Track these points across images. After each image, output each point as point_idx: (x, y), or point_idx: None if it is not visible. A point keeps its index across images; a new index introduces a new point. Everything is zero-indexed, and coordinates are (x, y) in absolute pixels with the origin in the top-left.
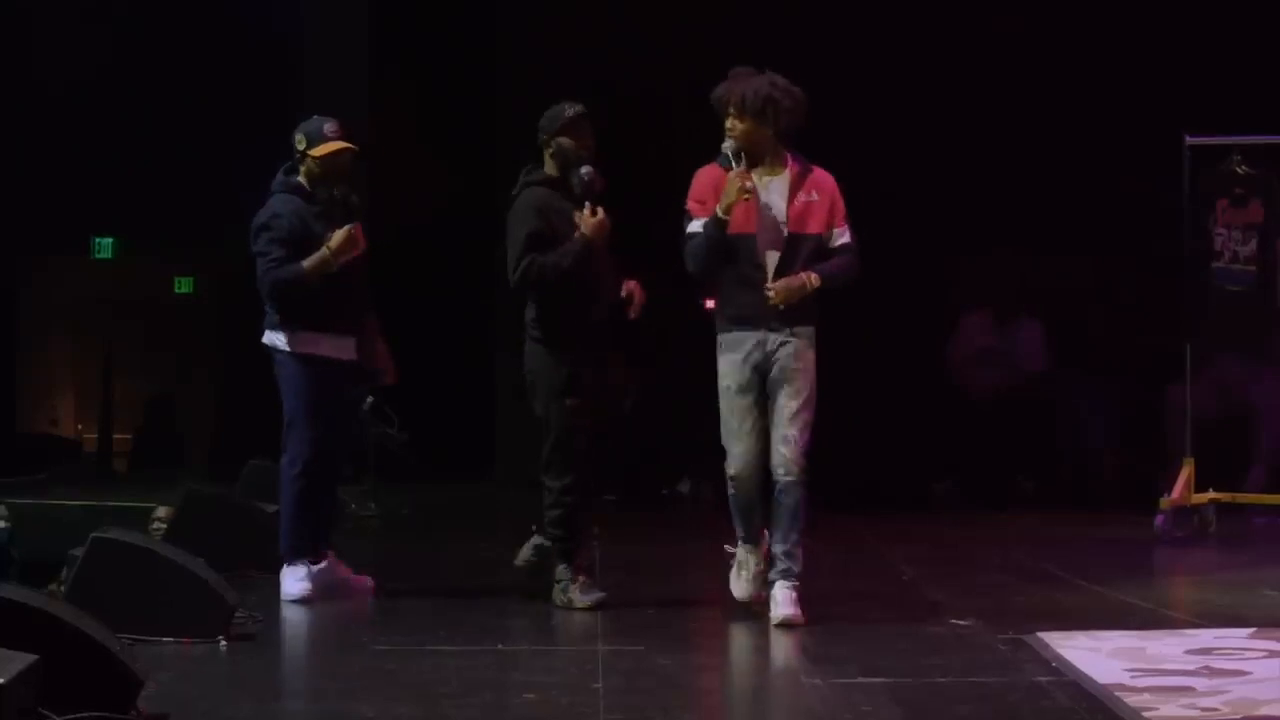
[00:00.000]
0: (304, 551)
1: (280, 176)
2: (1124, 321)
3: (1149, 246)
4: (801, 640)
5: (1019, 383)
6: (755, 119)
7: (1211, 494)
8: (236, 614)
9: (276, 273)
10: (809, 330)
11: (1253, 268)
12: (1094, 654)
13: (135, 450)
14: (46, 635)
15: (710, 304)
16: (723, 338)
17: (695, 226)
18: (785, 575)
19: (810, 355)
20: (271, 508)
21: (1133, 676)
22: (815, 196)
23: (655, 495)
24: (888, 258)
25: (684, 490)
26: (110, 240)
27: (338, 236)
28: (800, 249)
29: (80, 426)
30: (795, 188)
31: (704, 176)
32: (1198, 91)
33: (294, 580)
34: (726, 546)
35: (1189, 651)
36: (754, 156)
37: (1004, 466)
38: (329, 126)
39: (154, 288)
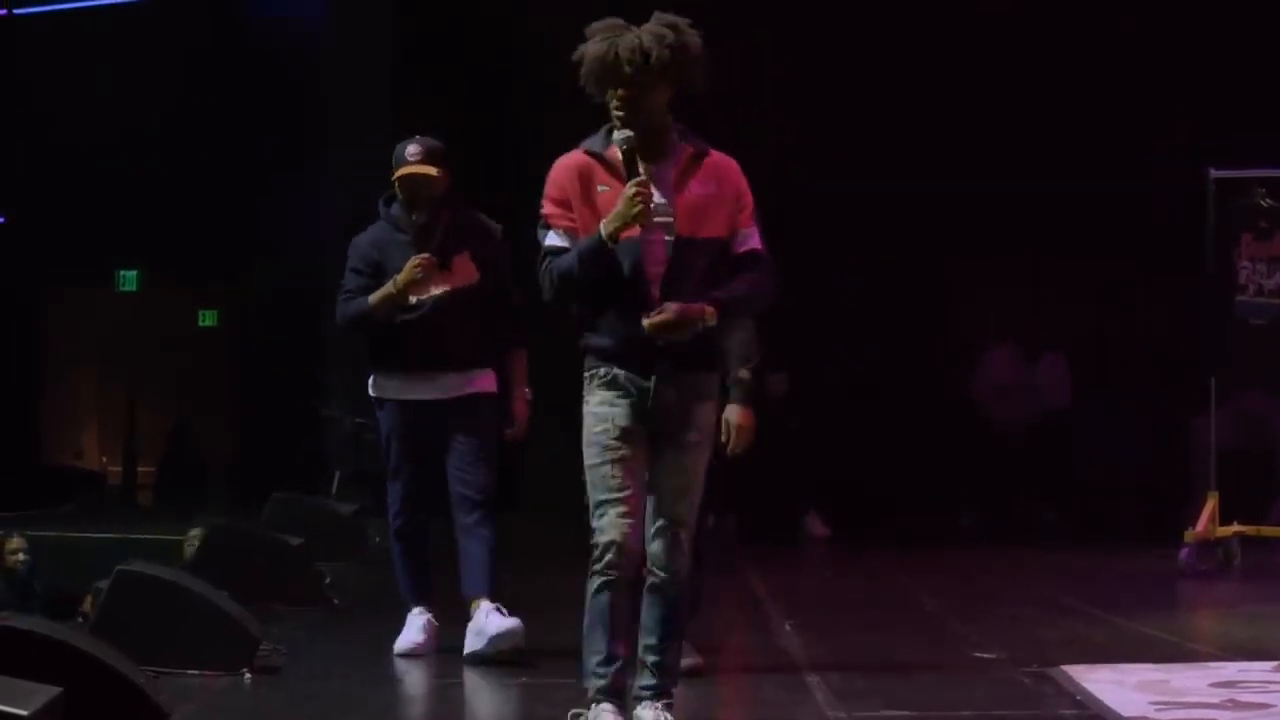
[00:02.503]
0: (413, 600)
1: (380, 202)
2: (1148, 354)
3: (1173, 280)
4: (825, 674)
5: (1043, 416)
6: (656, 83)
7: (1236, 527)
8: (261, 647)
9: (342, 307)
10: (709, 380)
11: (1277, 301)
12: (1118, 687)
13: (159, 483)
14: (71, 668)
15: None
16: (591, 374)
17: (556, 240)
18: (655, 693)
19: (708, 414)
20: (295, 540)
21: (1157, 710)
22: (715, 188)
23: None
24: (914, 292)
25: (708, 524)
26: (134, 273)
27: (405, 268)
28: (693, 259)
29: (104, 458)
30: (687, 175)
31: (566, 168)
32: (1222, 125)
33: (408, 634)
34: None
35: (1213, 685)
36: (642, 136)
37: (1029, 499)
38: (411, 149)
39: (178, 320)
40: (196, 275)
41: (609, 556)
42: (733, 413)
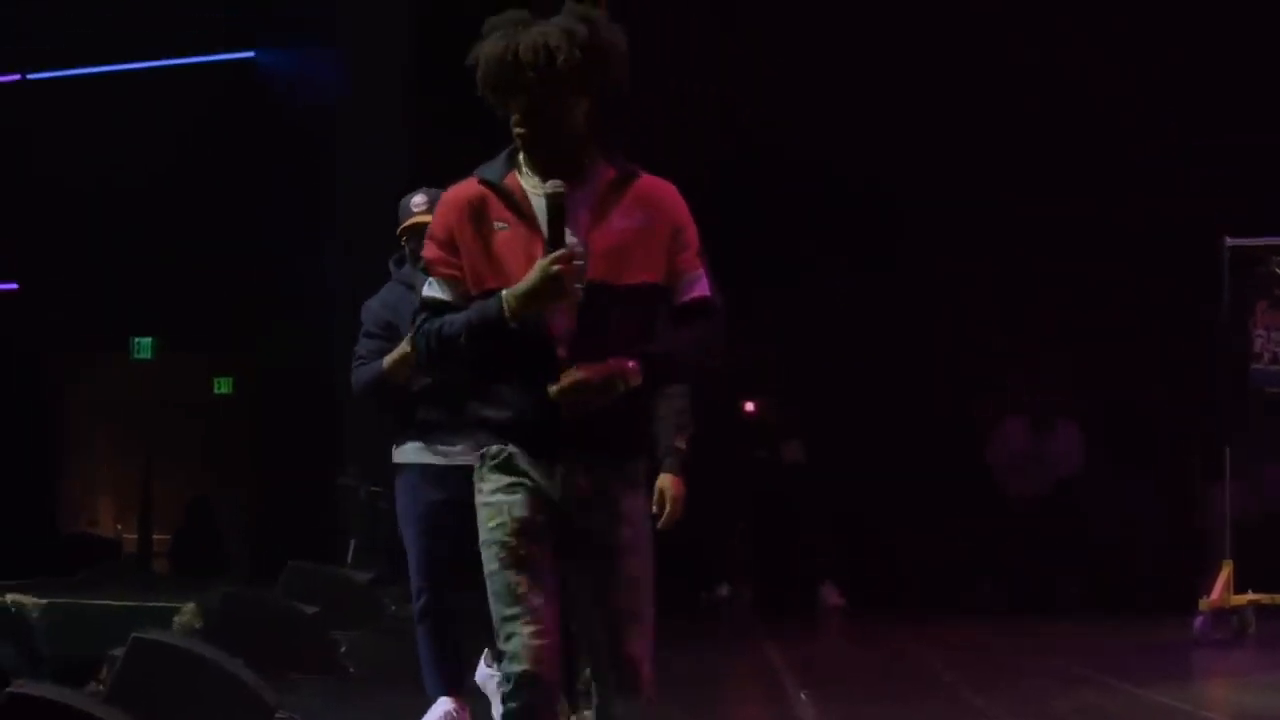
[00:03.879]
0: (441, 690)
1: (390, 263)
2: (1163, 423)
3: (1188, 347)
4: None
5: (1058, 485)
6: (566, 90)
7: (1251, 595)
8: (276, 715)
9: (357, 373)
10: (634, 463)
11: None
12: None
13: (175, 550)
14: None
15: (750, 408)
16: (483, 455)
17: (435, 291)
18: None
19: (637, 507)
20: (311, 608)
21: None
22: (642, 220)
23: (693, 599)
24: (929, 363)
25: (723, 593)
26: (149, 340)
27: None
28: (612, 311)
29: (120, 526)
30: (607, 205)
31: (453, 203)
32: (1237, 194)
33: None
34: None
35: None
36: (552, 157)
37: (1044, 568)
38: (416, 199)
39: (193, 388)
40: (212, 342)
41: (524, 695)
42: (667, 481)
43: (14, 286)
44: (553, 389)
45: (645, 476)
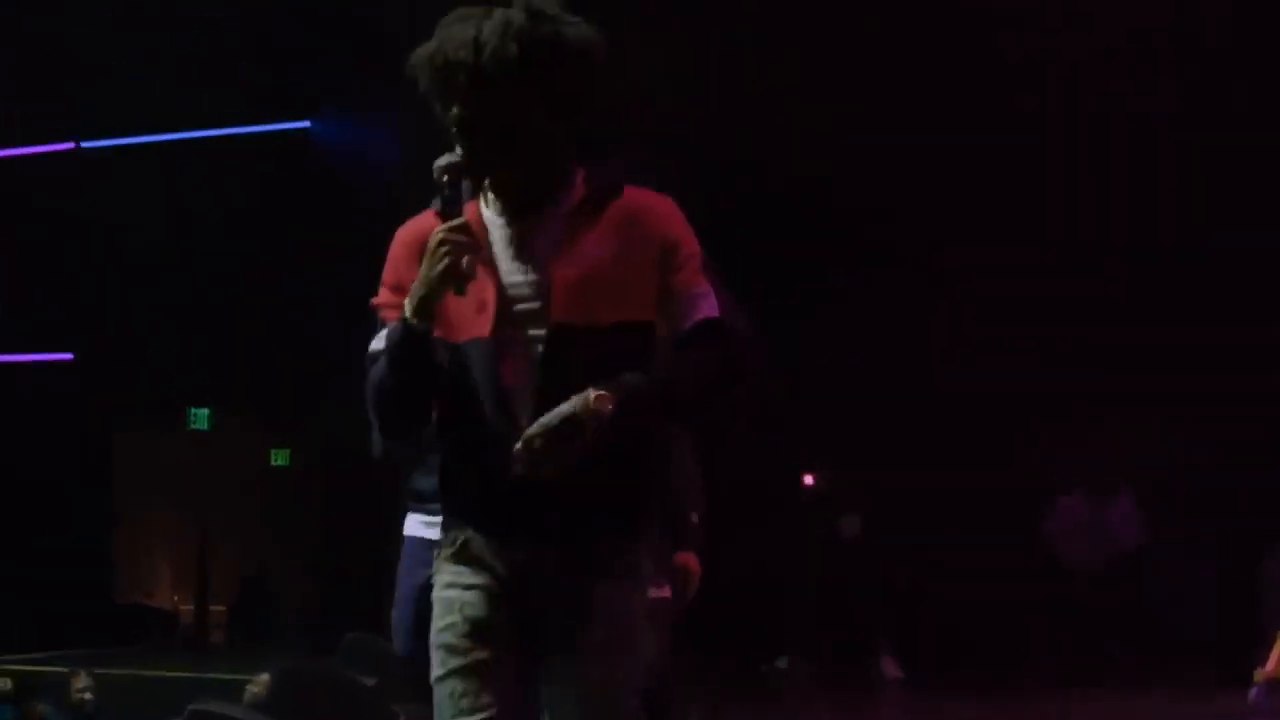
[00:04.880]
0: None
1: None
2: (1219, 494)
3: (1243, 419)
4: None
5: (1115, 556)
6: (507, 92)
7: None
8: None
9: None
10: (619, 545)
11: None
12: None
13: (231, 622)
14: None
15: (809, 480)
16: (452, 538)
17: (379, 344)
18: None
19: (623, 601)
20: (370, 680)
21: None
22: (622, 245)
23: (752, 672)
24: (985, 432)
25: (781, 666)
26: (206, 411)
27: None
28: (581, 359)
29: (176, 598)
30: (577, 230)
31: (403, 240)
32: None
33: None
34: None
35: None
36: (504, 176)
37: (1101, 639)
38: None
39: (250, 459)
40: (268, 414)
41: None
42: (685, 559)
43: (70, 357)
44: (516, 449)
45: (638, 567)
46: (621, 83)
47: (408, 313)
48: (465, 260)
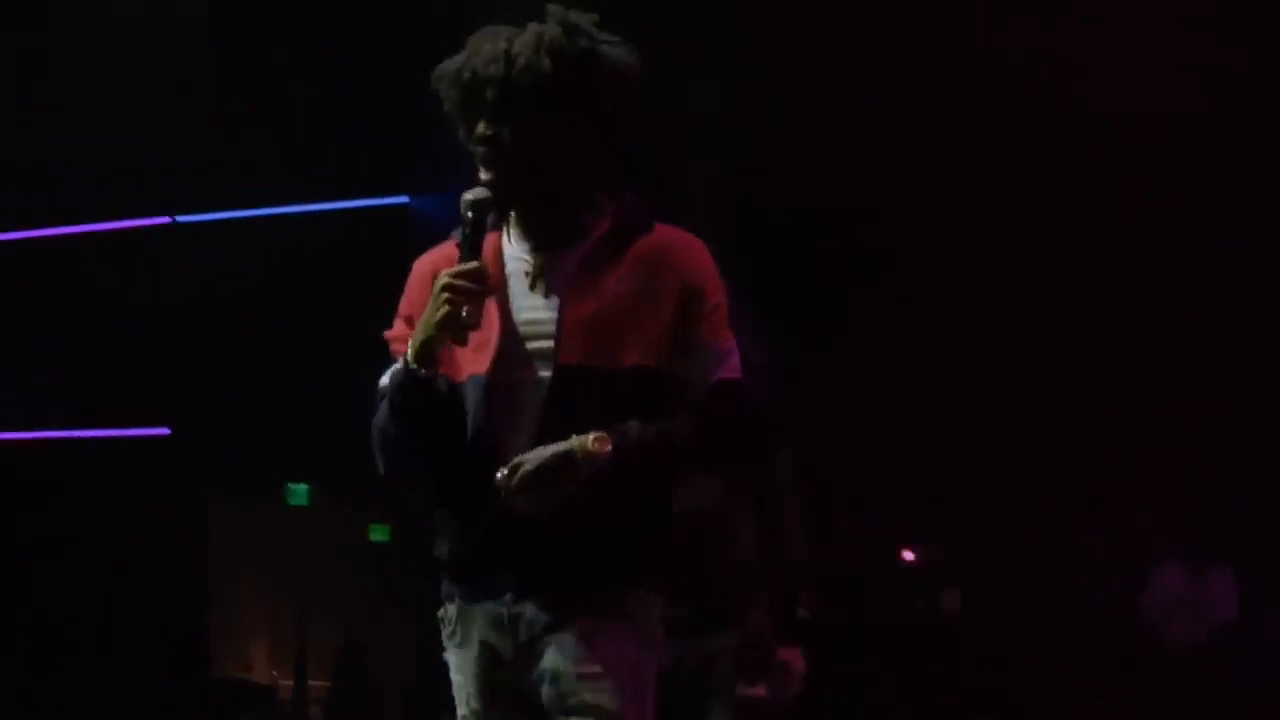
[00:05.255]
0: None
1: None
2: None
3: None
4: None
5: (1213, 632)
6: (536, 113)
7: None
8: None
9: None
10: (618, 591)
11: None
12: None
13: (330, 699)
14: None
15: (908, 555)
16: (444, 616)
17: (387, 377)
18: None
19: (622, 657)
20: None
21: None
22: (643, 283)
23: None
24: (1075, 510)
25: None
26: (304, 487)
27: None
28: (582, 404)
29: (275, 673)
30: (595, 266)
31: (421, 270)
32: None
33: None
34: None
35: None
36: (533, 206)
37: (1200, 715)
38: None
39: (349, 535)
40: (367, 489)
41: None
42: (791, 655)
43: (167, 431)
44: (499, 478)
45: (648, 621)
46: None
47: (409, 357)
48: (466, 310)
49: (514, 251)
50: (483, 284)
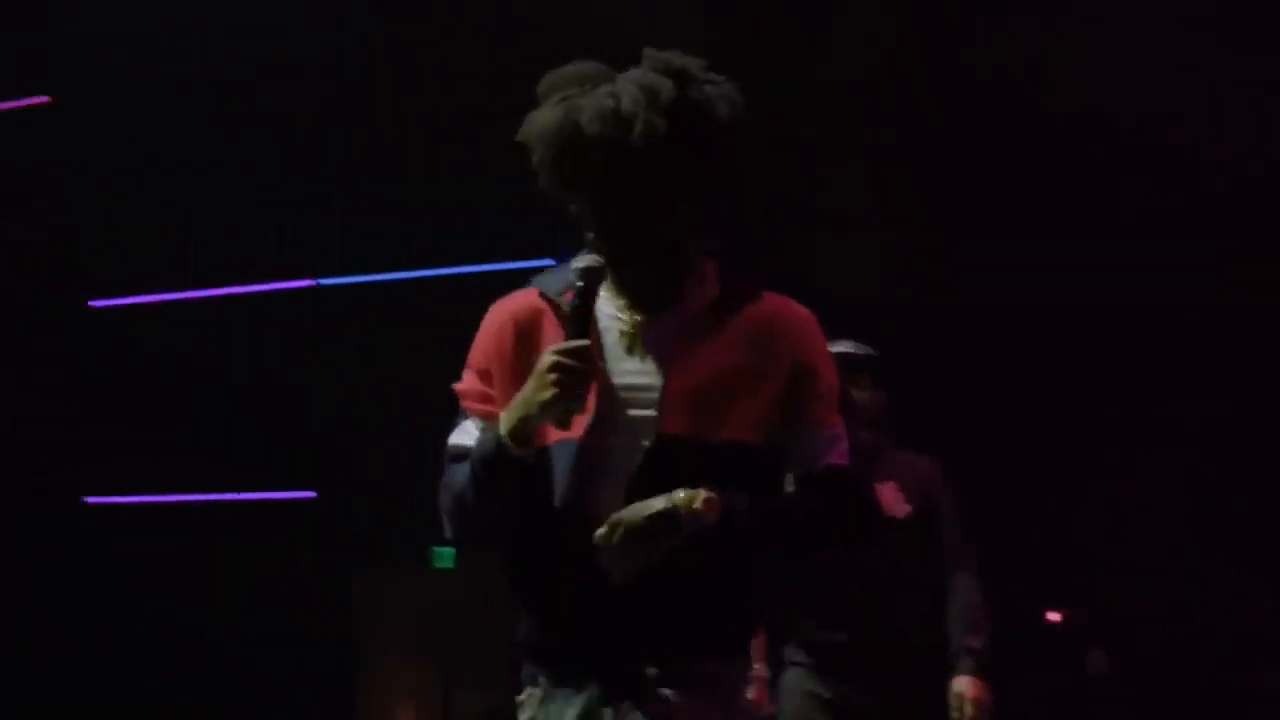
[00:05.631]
0: None
1: None
2: None
3: None
4: None
5: None
6: (647, 173)
7: None
8: None
9: None
10: (716, 674)
11: None
12: None
13: None
14: None
15: (1054, 618)
16: (525, 701)
17: (462, 438)
18: None
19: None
20: None
21: None
22: (749, 356)
23: None
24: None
25: None
26: (450, 550)
27: None
28: (678, 474)
29: None
30: (699, 334)
31: (498, 319)
32: None
33: None
34: None
35: None
36: (638, 271)
37: None
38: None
39: (495, 598)
40: None
41: None
42: (963, 684)
43: (312, 495)
44: (598, 536)
45: (737, 684)
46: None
47: (503, 432)
48: (575, 394)
49: (606, 309)
50: (592, 364)
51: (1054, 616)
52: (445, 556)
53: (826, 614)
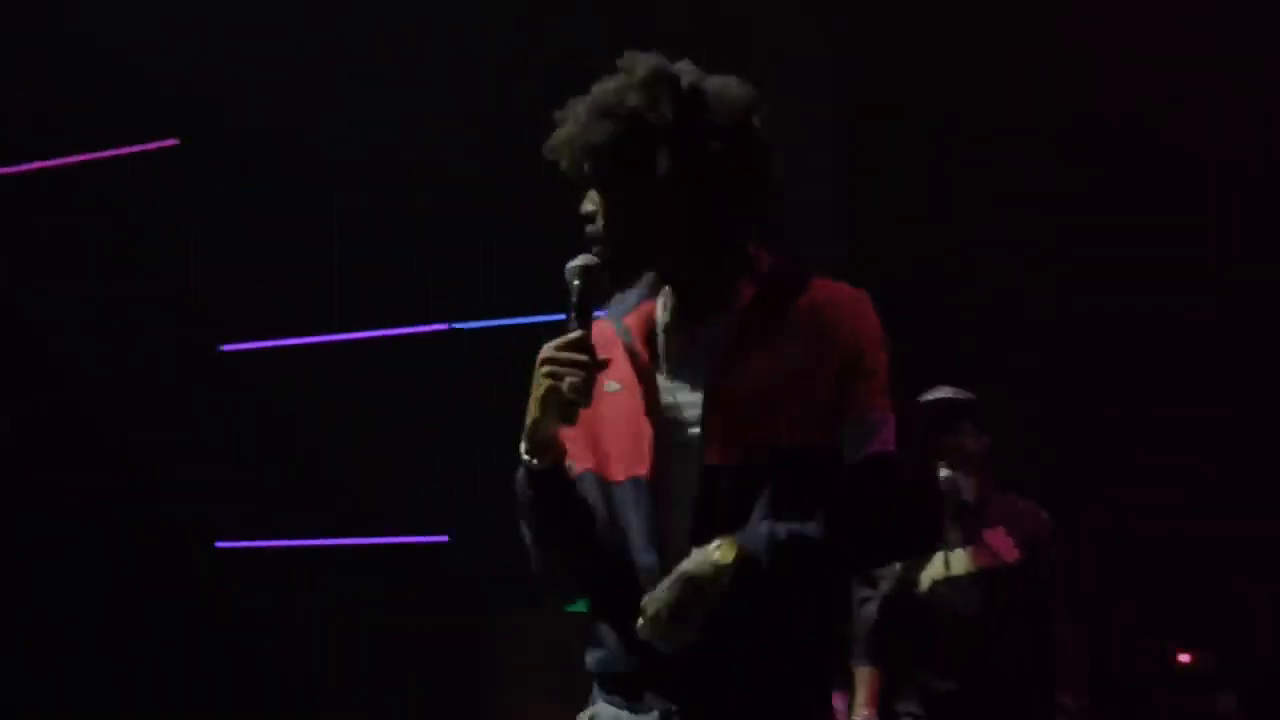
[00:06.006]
0: None
1: None
2: None
3: None
4: None
5: None
6: (658, 173)
7: None
8: None
9: None
10: (780, 708)
11: None
12: None
13: None
14: None
15: (1184, 658)
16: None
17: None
18: None
19: None
20: None
21: None
22: (802, 348)
23: None
24: None
25: None
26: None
27: None
28: (738, 494)
29: None
30: (744, 339)
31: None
32: None
33: None
34: None
35: None
36: (673, 277)
37: None
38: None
39: None
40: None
41: None
42: None
43: (445, 539)
44: (640, 624)
45: None
46: None
47: (522, 449)
48: (568, 383)
49: (667, 324)
50: (588, 354)
51: (1185, 657)
52: (580, 600)
53: (937, 662)
